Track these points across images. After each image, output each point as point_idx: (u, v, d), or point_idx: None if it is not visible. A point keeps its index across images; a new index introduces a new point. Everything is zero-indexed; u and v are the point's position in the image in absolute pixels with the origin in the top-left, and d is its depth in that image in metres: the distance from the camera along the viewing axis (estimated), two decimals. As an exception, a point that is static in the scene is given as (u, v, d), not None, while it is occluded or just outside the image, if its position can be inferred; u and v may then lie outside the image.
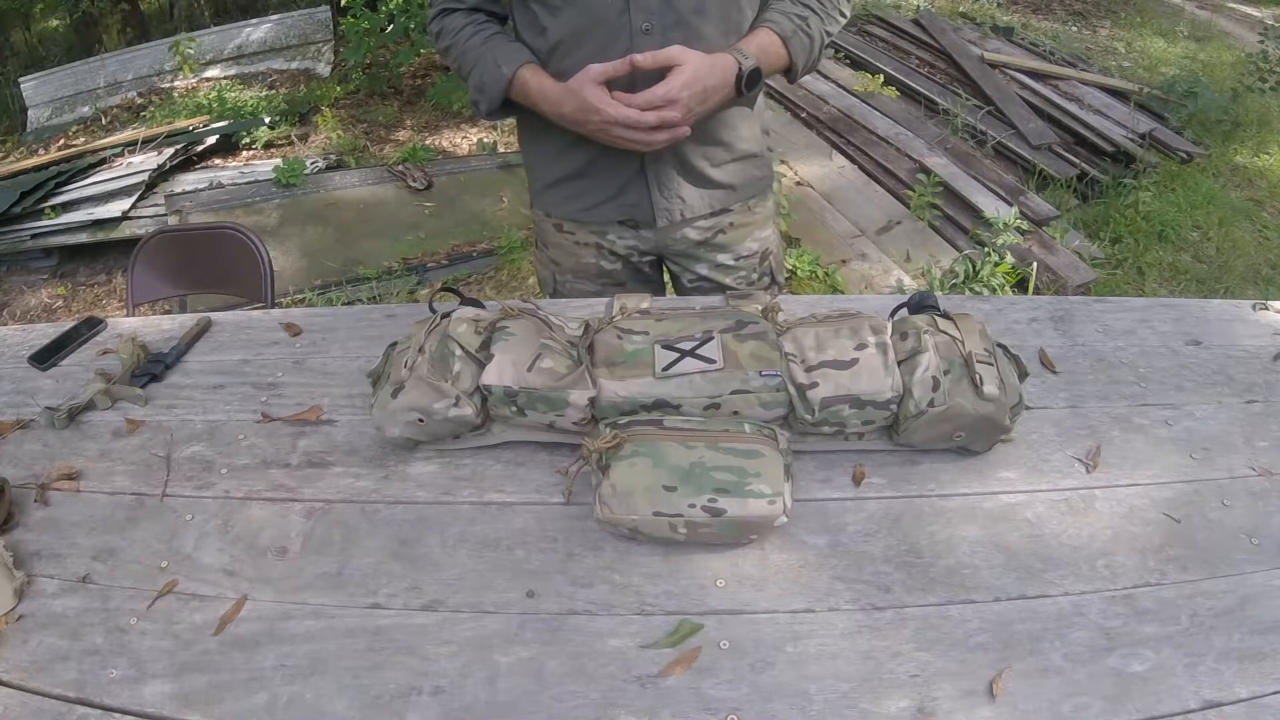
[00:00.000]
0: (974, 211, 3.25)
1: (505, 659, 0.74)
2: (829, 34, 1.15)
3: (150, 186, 3.84)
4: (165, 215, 3.61)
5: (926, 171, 3.47)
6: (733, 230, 1.29)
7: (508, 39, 1.15)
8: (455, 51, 1.16)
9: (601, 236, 1.27)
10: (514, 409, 0.90)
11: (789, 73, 1.14)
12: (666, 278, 1.42)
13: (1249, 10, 6.66)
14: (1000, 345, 0.94)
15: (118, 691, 0.73)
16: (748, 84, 1.06)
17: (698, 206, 1.23)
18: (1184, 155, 3.89)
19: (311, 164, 4.11)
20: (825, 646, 0.74)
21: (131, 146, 4.23)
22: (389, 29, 4.76)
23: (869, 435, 0.91)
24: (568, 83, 1.06)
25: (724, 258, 1.31)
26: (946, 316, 0.93)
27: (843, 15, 1.17)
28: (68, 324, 1.24)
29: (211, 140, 4.45)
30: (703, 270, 1.32)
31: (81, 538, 0.89)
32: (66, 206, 3.65)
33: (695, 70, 1.02)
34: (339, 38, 5.47)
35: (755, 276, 1.35)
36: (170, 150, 4.15)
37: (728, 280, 1.33)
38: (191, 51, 5.51)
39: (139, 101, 5.36)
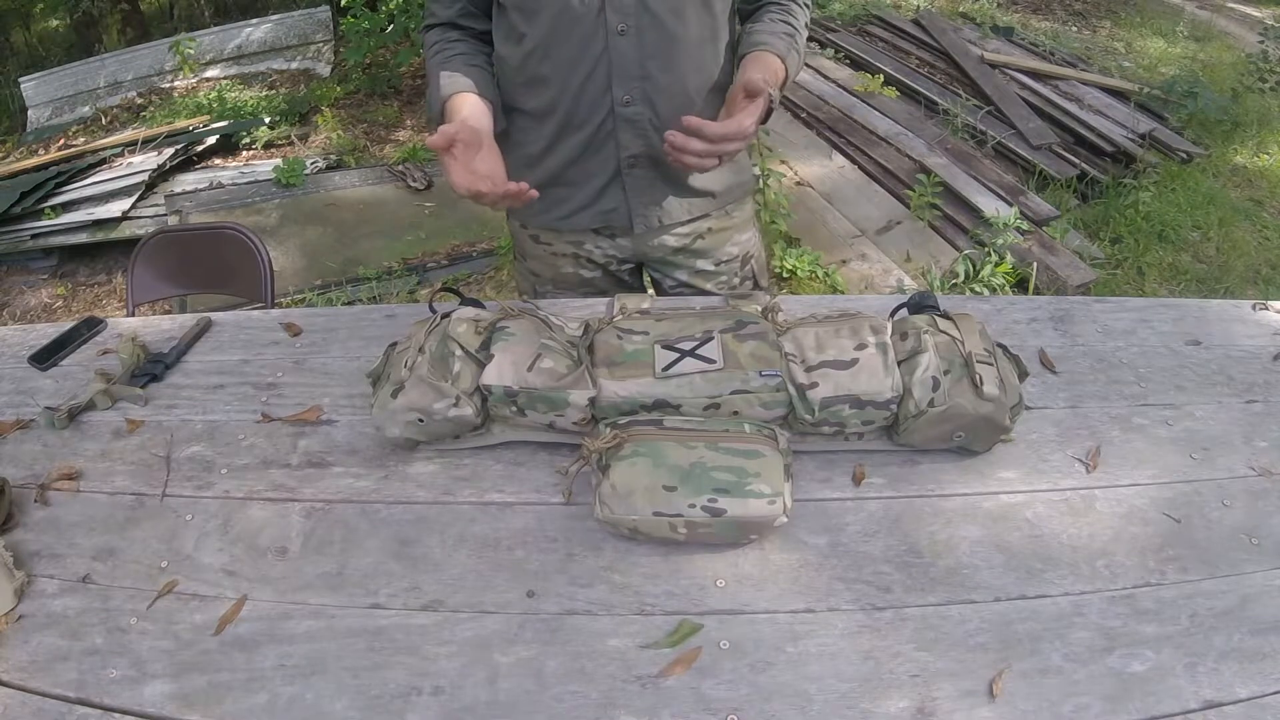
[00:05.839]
0: (974, 211, 3.25)
1: (505, 659, 0.74)
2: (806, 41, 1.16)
3: (150, 186, 3.84)
4: (165, 215, 3.61)
5: (926, 171, 3.46)
6: (711, 236, 1.27)
7: (465, 61, 1.11)
8: (427, 68, 1.15)
9: (579, 246, 1.26)
10: (514, 409, 0.90)
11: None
12: (647, 283, 1.41)
13: (1249, 10, 6.65)
14: (1000, 345, 0.94)
15: (118, 691, 0.73)
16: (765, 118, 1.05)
17: (676, 213, 1.22)
18: (1184, 155, 3.89)
19: (311, 164, 4.11)
20: (825, 646, 0.74)
21: (131, 146, 4.23)
22: (389, 29, 4.76)
23: (869, 435, 0.91)
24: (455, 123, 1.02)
25: (703, 263, 1.29)
26: (946, 316, 0.93)
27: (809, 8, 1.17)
28: (68, 324, 1.24)
29: (211, 140, 4.45)
30: (682, 276, 1.31)
31: (81, 538, 0.89)
32: (66, 206, 3.66)
33: (760, 111, 0.99)
34: (339, 38, 5.47)
35: (737, 281, 1.34)
36: (170, 150, 4.15)
37: (709, 286, 1.31)
38: (191, 51, 5.51)
39: (139, 101, 5.36)
